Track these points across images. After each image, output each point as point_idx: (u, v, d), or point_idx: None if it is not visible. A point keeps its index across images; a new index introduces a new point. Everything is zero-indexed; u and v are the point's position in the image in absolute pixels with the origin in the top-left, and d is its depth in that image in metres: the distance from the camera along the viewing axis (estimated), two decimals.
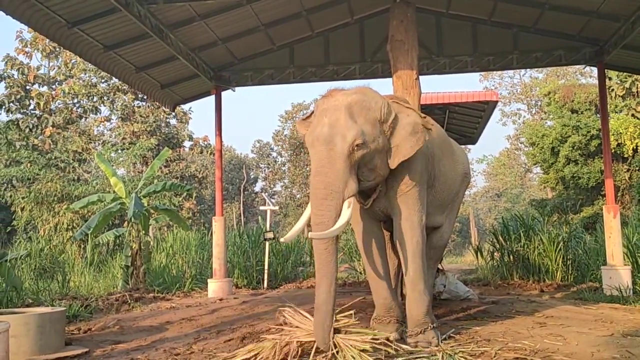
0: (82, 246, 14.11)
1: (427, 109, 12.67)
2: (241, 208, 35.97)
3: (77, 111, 23.45)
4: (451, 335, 5.00)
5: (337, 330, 4.16)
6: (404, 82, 6.94)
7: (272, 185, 41.59)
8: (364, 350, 4.00)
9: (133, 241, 10.77)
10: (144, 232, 11.17)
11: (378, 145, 4.41)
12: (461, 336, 5.02)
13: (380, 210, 4.92)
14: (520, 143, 34.16)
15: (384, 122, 4.49)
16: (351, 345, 4.02)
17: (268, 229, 12.38)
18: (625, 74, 18.16)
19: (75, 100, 23.40)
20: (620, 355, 4.30)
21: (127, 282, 10.61)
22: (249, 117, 71.95)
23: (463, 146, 31.17)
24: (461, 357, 4.16)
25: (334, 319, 4.16)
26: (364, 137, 4.26)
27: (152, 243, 13.42)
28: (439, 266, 8.13)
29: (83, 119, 24.13)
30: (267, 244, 11.85)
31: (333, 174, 4.18)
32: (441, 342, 4.66)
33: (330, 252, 4.11)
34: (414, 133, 4.61)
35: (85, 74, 22.98)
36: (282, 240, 4.66)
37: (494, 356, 4.23)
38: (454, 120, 14.39)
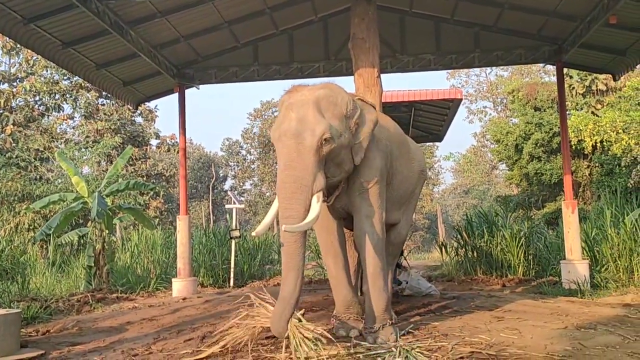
0: (45, 247, 13.83)
1: (393, 107, 12.75)
2: (210, 206, 35.71)
3: (38, 109, 22.93)
4: (410, 330, 5.05)
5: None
6: (365, 80, 6.97)
7: (241, 184, 41.38)
8: (317, 339, 4.03)
9: (96, 241, 10.61)
10: (107, 231, 11.00)
11: (344, 141, 4.45)
12: (420, 331, 5.08)
13: (341, 208, 4.95)
14: (487, 140, 34.65)
15: (349, 117, 4.54)
16: (304, 333, 4.05)
17: (234, 227, 12.33)
18: (585, 72, 18.58)
19: (37, 98, 22.88)
20: (572, 347, 4.41)
21: (90, 282, 10.44)
22: (218, 115, 71.38)
23: (430, 144, 31.50)
24: (418, 352, 4.20)
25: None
26: (331, 132, 4.29)
27: (118, 242, 13.23)
28: (405, 263, 8.22)
29: (45, 117, 23.60)
30: (233, 242, 11.80)
31: (302, 167, 4.18)
32: (400, 337, 4.71)
33: (299, 244, 4.08)
34: (373, 130, 4.70)
35: (47, 70, 22.48)
36: (253, 234, 4.61)
37: (451, 350, 4.29)
38: (419, 117, 14.51)
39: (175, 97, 10.66)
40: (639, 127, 15.10)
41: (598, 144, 16.50)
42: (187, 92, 10.74)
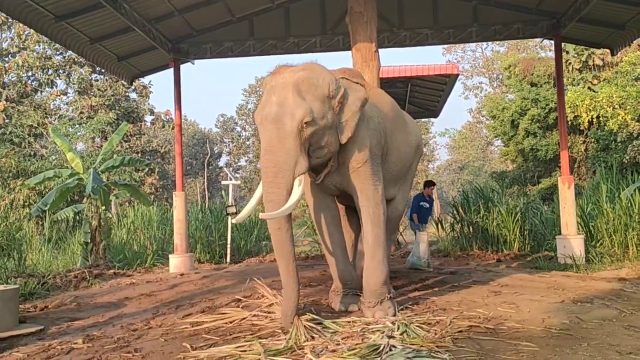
0: (40, 223, 13.82)
1: (389, 83, 12.68)
2: (205, 183, 35.65)
3: (31, 84, 22.70)
4: (408, 305, 5.08)
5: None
6: (363, 54, 6.91)
7: (236, 160, 41.29)
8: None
9: (92, 217, 10.59)
10: (103, 207, 10.98)
11: (327, 122, 4.43)
12: (418, 306, 5.12)
13: (333, 185, 4.94)
14: (482, 116, 34.56)
15: (332, 98, 4.49)
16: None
17: (230, 203, 12.32)
18: (582, 47, 18.48)
19: (30, 73, 22.63)
20: (569, 321, 4.45)
21: (86, 258, 10.45)
22: (213, 91, 70.91)
23: (425, 120, 31.45)
24: (417, 326, 4.23)
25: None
26: (312, 115, 4.27)
27: (113, 219, 13.22)
28: (401, 239, 8.29)
29: (38, 93, 23.36)
30: (229, 218, 11.81)
31: (283, 152, 4.21)
32: (398, 312, 4.74)
33: (284, 230, 4.20)
34: (362, 108, 4.65)
35: (40, 45, 22.16)
36: (233, 221, 4.71)
37: (449, 324, 4.33)
38: (416, 93, 14.46)
39: (169, 72, 10.57)
40: (635, 103, 15.05)
41: (594, 120, 16.45)
42: (182, 67, 10.64)
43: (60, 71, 22.83)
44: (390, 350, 3.65)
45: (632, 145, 13.60)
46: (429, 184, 9.66)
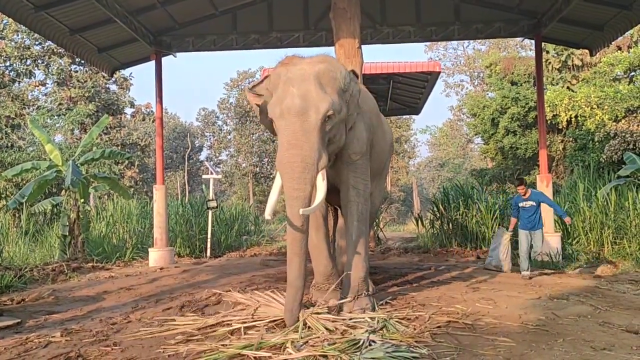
0: (17, 215, 13.61)
1: (372, 79, 12.70)
2: (185, 177, 35.42)
3: (9, 74, 22.31)
4: (388, 301, 5.12)
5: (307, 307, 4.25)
6: (346, 50, 6.91)
7: (217, 154, 41.07)
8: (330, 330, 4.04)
9: (71, 210, 10.47)
10: (82, 200, 10.85)
11: (342, 116, 4.44)
12: (398, 301, 5.17)
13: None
14: (463, 114, 34.82)
15: (346, 91, 4.50)
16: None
17: (211, 197, 12.28)
18: (561, 47, 18.69)
19: (8, 63, 22.22)
20: (545, 317, 4.54)
21: (64, 252, 10.32)
22: (194, 84, 70.36)
23: (406, 116, 31.55)
24: (396, 321, 4.27)
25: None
26: (334, 108, 4.25)
27: (92, 212, 13.08)
28: (381, 234, 8.30)
29: (16, 83, 22.96)
30: (210, 212, 11.77)
31: (308, 146, 4.11)
32: (377, 307, 4.77)
33: (304, 229, 4.13)
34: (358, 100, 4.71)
35: (18, 35, 21.79)
36: (267, 216, 4.45)
37: (428, 320, 4.38)
38: (398, 90, 14.50)
39: (150, 64, 10.47)
40: (612, 103, 15.27)
41: (572, 119, 16.67)
42: (164, 59, 10.55)
43: (39, 61, 22.45)
44: (370, 345, 3.69)
45: (609, 144, 13.78)
46: (518, 182, 7.85)
